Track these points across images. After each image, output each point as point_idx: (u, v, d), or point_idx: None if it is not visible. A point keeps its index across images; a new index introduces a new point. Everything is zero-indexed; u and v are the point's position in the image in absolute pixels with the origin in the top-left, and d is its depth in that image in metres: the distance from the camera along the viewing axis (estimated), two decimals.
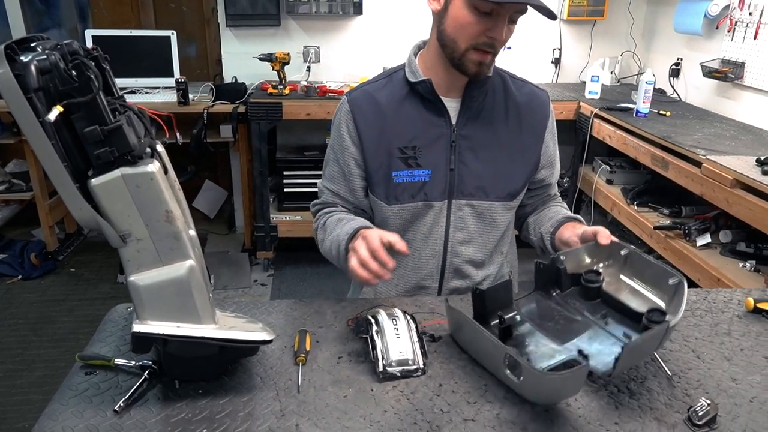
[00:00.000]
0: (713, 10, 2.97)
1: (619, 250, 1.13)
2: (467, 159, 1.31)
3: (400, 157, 1.29)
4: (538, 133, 1.37)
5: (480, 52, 1.19)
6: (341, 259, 1.23)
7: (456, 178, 1.30)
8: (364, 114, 1.31)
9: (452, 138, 1.30)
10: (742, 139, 2.55)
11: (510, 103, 1.34)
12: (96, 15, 3.78)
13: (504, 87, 1.35)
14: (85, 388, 0.94)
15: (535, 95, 1.38)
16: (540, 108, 1.37)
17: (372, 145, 1.30)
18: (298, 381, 0.97)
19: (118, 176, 0.81)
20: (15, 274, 3.34)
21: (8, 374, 2.53)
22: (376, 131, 1.31)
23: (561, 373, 0.89)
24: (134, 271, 0.86)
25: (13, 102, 0.74)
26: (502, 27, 1.16)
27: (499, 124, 1.33)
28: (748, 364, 1.04)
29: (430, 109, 1.30)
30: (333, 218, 1.34)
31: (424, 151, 1.29)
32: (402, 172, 1.30)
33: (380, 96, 1.32)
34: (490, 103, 1.33)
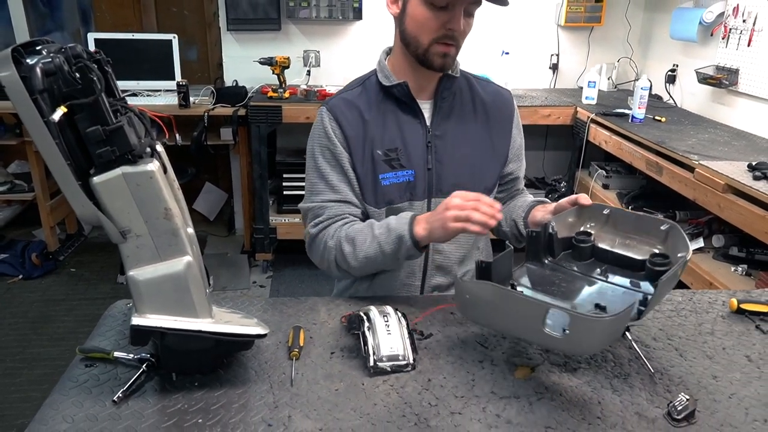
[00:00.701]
0: (708, 18, 3.01)
1: (601, 210, 1.18)
2: (443, 158, 1.35)
3: (384, 160, 1.33)
4: (506, 128, 1.43)
5: (442, 44, 1.26)
6: (403, 250, 1.21)
7: (434, 177, 1.35)
8: (347, 119, 1.34)
9: (428, 138, 1.35)
10: (736, 144, 2.58)
11: (477, 101, 1.41)
12: (98, 18, 3.82)
13: (469, 87, 1.42)
14: (85, 380, 0.98)
15: (499, 93, 1.45)
16: (504, 105, 1.44)
17: (359, 150, 1.33)
18: (292, 375, 1.00)
19: (119, 175, 0.84)
20: (16, 274, 3.37)
21: (8, 372, 2.56)
22: (360, 136, 1.33)
23: (611, 316, 0.88)
24: (133, 266, 0.89)
25: (19, 102, 0.77)
26: (459, 17, 1.22)
27: (469, 123, 1.39)
28: (729, 362, 1.07)
29: (406, 111, 1.35)
30: (357, 226, 1.30)
31: (404, 152, 1.34)
32: (387, 174, 1.33)
33: (359, 102, 1.36)
34: (458, 102, 1.39)
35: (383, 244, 1.23)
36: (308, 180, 1.38)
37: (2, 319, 2.98)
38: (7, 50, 0.77)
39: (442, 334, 1.14)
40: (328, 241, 1.30)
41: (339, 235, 1.29)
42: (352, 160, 1.33)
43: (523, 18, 3.77)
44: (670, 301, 1.28)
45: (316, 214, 1.34)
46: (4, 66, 0.76)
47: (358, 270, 1.30)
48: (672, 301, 1.28)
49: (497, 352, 1.09)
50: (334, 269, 1.33)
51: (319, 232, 1.33)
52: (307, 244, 1.38)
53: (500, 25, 3.76)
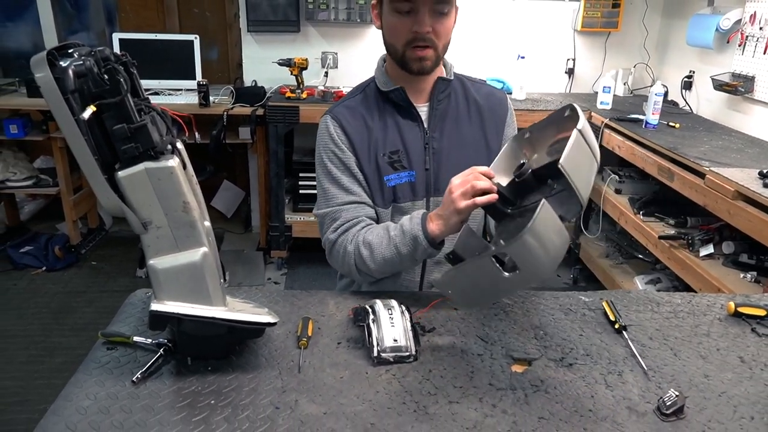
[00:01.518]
0: (725, 25, 3.02)
1: (523, 136, 1.20)
2: (440, 158, 1.40)
3: (388, 162, 1.39)
4: (499, 127, 1.47)
5: (415, 48, 1.31)
6: (419, 250, 1.23)
7: (432, 177, 1.40)
8: (351, 125, 1.40)
9: (425, 140, 1.41)
10: (749, 152, 2.59)
11: (471, 103, 1.45)
12: (123, 19, 3.92)
13: (464, 89, 1.47)
14: (106, 361, 1.04)
15: (492, 94, 1.50)
16: (498, 105, 1.48)
17: (364, 154, 1.39)
18: (299, 362, 1.06)
19: (142, 170, 0.91)
20: (40, 266, 3.48)
21: (31, 359, 2.65)
22: (365, 140, 1.39)
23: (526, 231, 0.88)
24: (153, 255, 0.95)
25: (53, 102, 0.84)
26: (422, 20, 1.27)
27: (464, 124, 1.44)
28: (722, 362, 1.10)
29: (405, 115, 1.41)
30: (374, 230, 1.32)
31: (405, 153, 1.39)
32: (391, 175, 1.39)
33: (361, 109, 1.42)
34: (454, 105, 1.44)
35: (399, 246, 1.26)
36: (320, 187, 1.42)
37: (26, 309, 3.08)
38: (42, 53, 0.84)
39: (444, 329, 1.18)
40: (347, 246, 1.34)
41: (357, 240, 1.32)
42: (360, 163, 1.39)
43: (539, 23, 3.80)
44: (669, 303, 1.31)
45: (334, 218, 1.38)
46: (40, 68, 0.83)
47: (378, 272, 1.33)
48: (671, 303, 1.31)
49: (497, 346, 1.13)
50: (355, 273, 1.36)
51: (338, 237, 1.36)
52: (328, 250, 1.41)
53: (516, 30, 3.79)
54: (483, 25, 3.71)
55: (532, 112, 3.35)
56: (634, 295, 1.35)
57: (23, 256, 3.50)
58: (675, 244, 2.55)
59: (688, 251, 2.50)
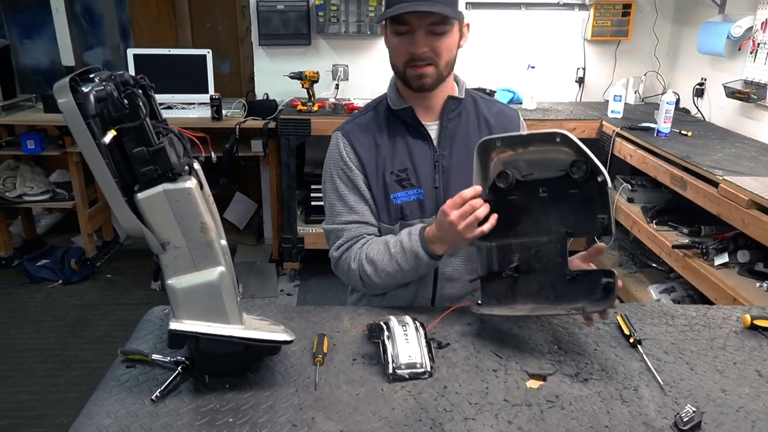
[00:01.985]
0: (736, 32, 3.00)
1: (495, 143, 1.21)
2: (450, 177, 1.41)
3: (396, 180, 1.41)
4: None
5: (414, 67, 1.33)
6: (422, 266, 1.29)
7: (441, 195, 1.40)
8: (360, 143, 1.43)
9: (435, 158, 1.42)
10: (762, 160, 2.57)
11: (482, 122, 1.46)
12: (137, 34, 3.98)
13: (475, 108, 1.47)
14: (126, 380, 1.06)
15: (503, 112, 1.50)
16: (508, 123, 1.48)
17: (372, 172, 1.42)
18: (316, 379, 1.07)
19: (161, 191, 0.92)
20: (56, 279, 3.53)
21: (48, 373, 2.68)
22: (373, 158, 1.42)
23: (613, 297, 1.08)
24: (172, 275, 0.97)
25: (75, 126, 0.86)
26: (418, 41, 1.30)
27: (474, 142, 1.41)
28: (739, 377, 1.10)
29: (414, 134, 1.42)
30: (374, 246, 1.36)
31: (414, 172, 1.41)
32: (399, 193, 1.40)
33: (372, 127, 1.45)
34: (464, 123, 1.44)
35: (401, 262, 1.31)
36: (327, 201, 1.47)
37: (43, 322, 3.12)
38: (65, 79, 0.86)
39: (458, 344, 1.19)
40: (351, 263, 1.39)
41: (360, 257, 1.37)
42: (368, 181, 1.42)
43: (549, 32, 3.81)
44: (684, 316, 1.31)
45: (337, 236, 1.43)
46: (62, 94, 0.85)
47: (384, 286, 1.38)
48: (686, 316, 1.31)
49: (511, 362, 1.13)
50: (361, 288, 1.43)
51: (341, 255, 1.42)
52: (333, 265, 1.47)
53: (526, 40, 3.80)
54: (493, 36, 3.72)
55: (543, 121, 3.35)
56: (649, 308, 1.34)
57: (40, 269, 3.55)
58: (689, 254, 2.53)
59: (702, 260, 2.48)
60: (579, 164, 1.10)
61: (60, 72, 3.97)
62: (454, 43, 1.34)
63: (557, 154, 1.13)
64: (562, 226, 1.16)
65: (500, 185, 1.19)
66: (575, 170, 1.11)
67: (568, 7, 3.73)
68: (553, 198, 1.16)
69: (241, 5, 3.88)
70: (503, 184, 1.19)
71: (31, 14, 3.91)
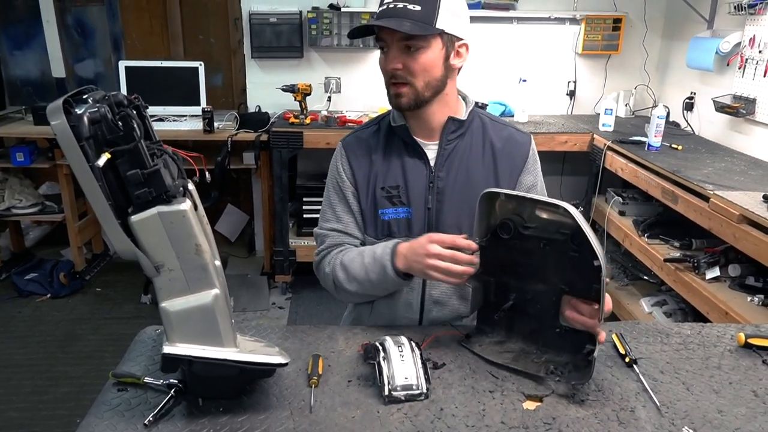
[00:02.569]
0: (724, 48, 3.05)
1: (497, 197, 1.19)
2: (444, 198, 1.39)
3: (385, 196, 1.41)
4: (513, 175, 1.43)
5: (393, 84, 1.33)
6: (389, 281, 1.30)
7: (433, 216, 1.39)
8: (356, 156, 1.45)
9: (430, 179, 1.40)
10: (752, 174, 2.59)
11: (486, 146, 1.42)
12: (129, 46, 3.97)
13: (483, 131, 1.44)
14: (117, 404, 1.04)
15: (513, 138, 1.44)
16: (517, 150, 1.43)
17: (363, 185, 1.43)
18: (311, 402, 1.05)
19: (155, 214, 0.91)
20: (44, 293, 3.48)
21: (36, 390, 2.64)
22: (366, 172, 1.43)
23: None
24: (165, 298, 0.95)
25: (68, 149, 0.85)
26: (389, 57, 1.30)
27: (475, 166, 1.41)
28: (735, 397, 1.10)
29: (411, 152, 1.42)
30: (350, 253, 1.39)
31: (405, 190, 1.40)
32: (387, 210, 1.40)
33: (371, 141, 1.45)
34: (467, 146, 1.41)
35: (370, 272, 1.33)
36: (322, 206, 1.51)
37: (31, 337, 3.08)
38: (58, 101, 0.85)
39: (454, 365, 1.18)
40: (326, 267, 1.43)
41: (334, 262, 1.41)
42: (358, 194, 1.43)
43: (540, 46, 3.84)
44: (678, 334, 1.31)
45: (321, 240, 1.48)
46: (55, 116, 0.84)
47: (356, 295, 1.40)
48: (680, 334, 1.31)
49: (508, 382, 1.13)
50: (335, 292, 1.45)
51: (321, 259, 1.46)
52: (314, 267, 1.52)
53: (518, 53, 3.83)
54: (485, 50, 3.75)
55: (535, 134, 3.31)
56: (644, 326, 1.34)
57: (28, 283, 3.51)
58: (681, 267, 2.55)
59: (694, 274, 2.49)
60: (578, 241, 1.08)
61: (50, 84, 3.95)
62: (432, 62, 1.29)
63: (562, 218, 1.11)
64: (559, 280, 1.15)
65: (502, 235, 1.18)
66: (575, 245, 1.09)
67: (559, 21, 3.76)
68: (554, 252, 1.14)
69: (233, 18, 3.88)
70: (505, 234, 1.18)
71: (22, 26, 3.88)
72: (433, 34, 1.27)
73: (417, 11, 1.25)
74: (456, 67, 1.36)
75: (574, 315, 1.11)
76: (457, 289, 1.43)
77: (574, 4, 3.77)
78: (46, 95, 3.97)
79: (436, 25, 1.26)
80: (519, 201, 1.18)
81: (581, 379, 1.09)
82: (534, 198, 1.15)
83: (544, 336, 1.19)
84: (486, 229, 1.21)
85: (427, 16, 1.25)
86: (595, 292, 1.06)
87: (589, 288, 1.08)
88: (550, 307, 1.17)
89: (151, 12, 3.92)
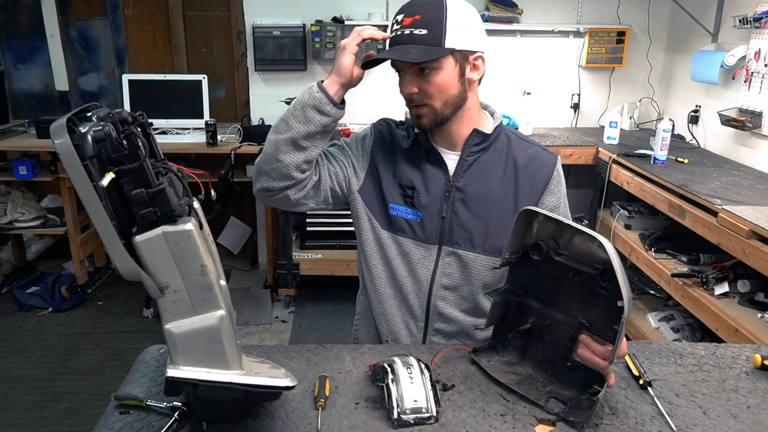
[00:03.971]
0: (729, 61, 3.03)
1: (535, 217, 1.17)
2: (459, 210, 1.36)
3: (400, 193, 1.39)
4: (534, 194, 1.39)
5: (412, 107, 1.33)
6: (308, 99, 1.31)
7: (447, 226, 1.37)
8: (384, 138, 1.44)
9: (447, 189, 1.38)
10: (760, 188, 2.57)
11: (509, 163, 1.39)
12: (132, 59, 3.97)
13: (508, 147, 1.41)
14: (119, 427, 1.01)
15: (537, 157, 1.41)
16: (540, 169, 1.40)
17: (381, 169, 1.41)
18: (318, 425, 1.03)
19: (160, 234, 0.89)
20: (46, 306, 3.46)
21: (36, 405, 2.61)
22: (385, 158, 1.41)
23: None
24: (170, 319, 0.93)
25: (72, 168, 0.83)
26: (403, 83, 1.30)
27: (495, 181, 1.38)
28: (753, 422, 1.07)
29: (431, 159, 1.39)
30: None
31: (421, 194, 1.37)
32: (398, 206, 1.38)
33: (398, 135, 1.44)
34: (489, 160, 1.39)
35: (294, 105, 1.32)
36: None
37: (32, 351, 3.05)
38: (62, 119, 0.83)
39: (464, 386, 1.15)
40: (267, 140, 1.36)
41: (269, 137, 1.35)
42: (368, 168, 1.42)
43: (544, 59, 3.84)
44: (692, 355, 1.28)
45: None
46: (59, 135, 0.82)
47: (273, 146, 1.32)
48: (694, 354, 1.28)
49: (519, 405, 1.10)
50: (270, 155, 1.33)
51: None
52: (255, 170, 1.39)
53: (522, 66, 3.83)
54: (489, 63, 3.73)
55: None
56: (656, 347, 1.32)
57: (30, 297, 3.49)
58: (689, 282, 2.52)
59: (702, 289, 2.46)
60: (608, 279, 1.06)
61: (53, 97, 3.95)
62: (447, 81, 1.28)
63: (597, 252, 1.09)
64: (580, 314, 1.12)
65: (533, 256, 1.17)
66: (604, 282, 1.07)
67: (563, 34, 3.76)
68: (581, 285, 1.12)
69: (236, 31, 3.89)
70: (536, 255, 1.17)
71: (25, 39, 3.89)
72: (444, 54, 1.26)
73: (424, 35, 1.24)
74: (474, 80, 1.35)
75: (586, 353, 1.07)
76: (461, 303, 1.41)
77: (578, 17, 3.78)
78: (49, 108, 3.98)
79: (444, 45, 1.25)
80: (557, 225, 1.15)
81: (580, 417, 1.05)
82: (572, 225, 1.11)
83: (553, 366, 1.16)
84: (519, 246, 1.19)
85: (434, 38, 1.24)
86: (613, 333, 1.03)
87: (608, 328, 1.05)
88: (565, 339, 1.14)
89: (154, 25, 3.94)
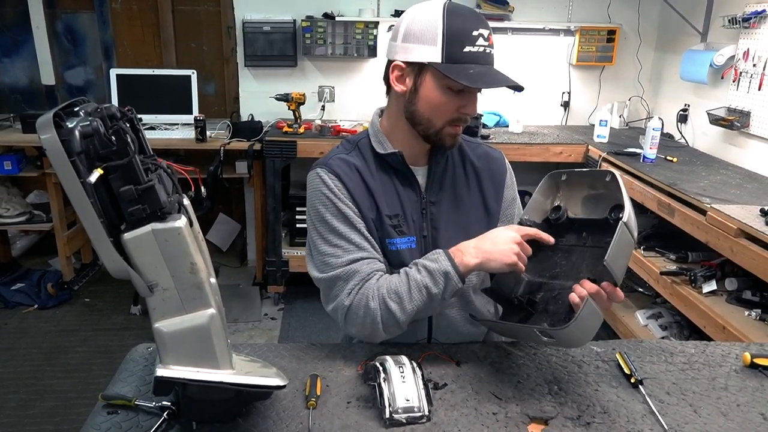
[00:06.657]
0: (718, 61, 3.05)
1: (560, 177, 1.26)
2: (438, 225, 1.32)
3: (390, 225, 1.29)
4: (498, 191, 1.39)
5: (454, 126, 1.25)
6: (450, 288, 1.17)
7: (430, 244, 1.31)
8: (349, 178, 1.28)
9: (422, 206, 1.32)
10: (748, 187, 2.59)
11: (467, 165, 1.37)
12: (120, 54, 3.93)
13: (460, 150, 1.38)
14: (107, 428, 1.00)
15: (489, 156, 1.41)
16: (496, 167, 1.40)
17: (365, 209, 1.28)
18: (309, 425, 1.02)
19: (149, 231, 0.88)
20: (31, 303, 3.42)
21: (21, 404, 2.58)
22: (365, 196, 1.28)
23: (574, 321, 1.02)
24: (159, 318, 0.92)
25: (59, 165, 0.81)
26: (474, 102, 1.24)
27: (462, 188, 1.35)
28: (743, 420, 1.07)
29: (402, 179, 1.32)
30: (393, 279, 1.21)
31: (404, 219, 1.30)
32: (395, 239, 1.29)
33: (357, 164, 1.30)
34: (451, 167, 1.35)
35: (431, 286, 1.17)
36: (319, 247, 1.26)
37: (17, 349, 3.01)
38: (49, 114, 0.82)
39: (456, 384, 1.15)
40: (369, 302, 1.19)
41: (381, 293, 1.19)
42: (363, 215, 1.28)
43: (535, 57, 3.84)
44: (682, 353, 1.29)
45: (347, 279, 1.22)
46: (45, 130, 0.80)
47: (405, 324, 1.21)
48: (684, 353, 1.29)
49: (511, 404, 1.10)
50: (380, 331, 1.21)
51: (355, 297, 1.21)
52: (342, 316, 1.24)
53: (512, 64, 3.82)
54: None
55: (530, 145, 3.36)
56: (647, 345, 1.32)
57: (15, 293, 3.44)
58: (677, 280, 2.54)
59: (690, 287, 2.48)
60: (616, 211, 1.13)
61: (39, 91, 3.90)
62: None
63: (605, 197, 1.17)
64: (589, 273, 1.12)
65: (551, 216, 1.25)
66: (614, 215, 1.14)
67: (554, 32, 3.76)
68: (591, 244, 1.17)
69: (226, 26, 3.86)
70: (554, 215, 1.25)
71: (10, 33, 3.83)
72: None
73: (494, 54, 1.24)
74: None
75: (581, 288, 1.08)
76: (464, 312, 1.37)
77: (569, 16, 3.78)
78: (35, 103, 3.92)
79: None
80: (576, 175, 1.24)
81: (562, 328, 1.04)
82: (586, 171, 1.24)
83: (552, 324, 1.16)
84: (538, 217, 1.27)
85: None
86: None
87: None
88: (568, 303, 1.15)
89: (143, 20, 3.89)
